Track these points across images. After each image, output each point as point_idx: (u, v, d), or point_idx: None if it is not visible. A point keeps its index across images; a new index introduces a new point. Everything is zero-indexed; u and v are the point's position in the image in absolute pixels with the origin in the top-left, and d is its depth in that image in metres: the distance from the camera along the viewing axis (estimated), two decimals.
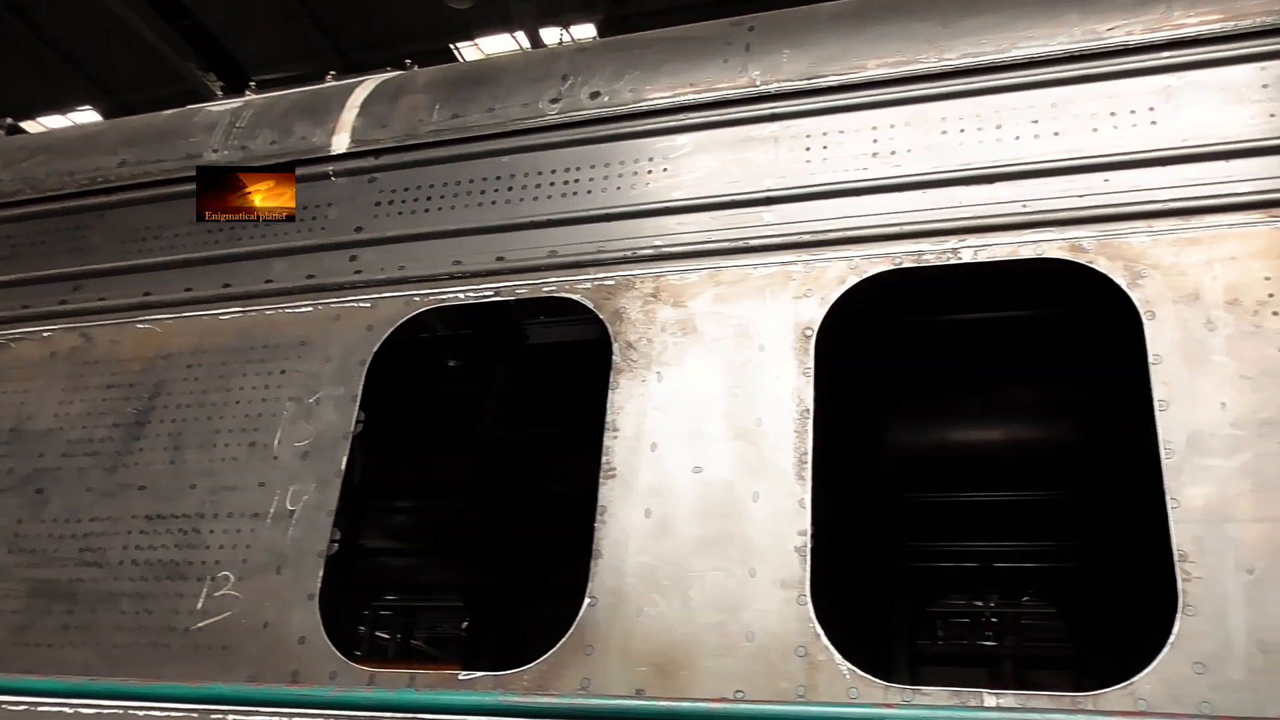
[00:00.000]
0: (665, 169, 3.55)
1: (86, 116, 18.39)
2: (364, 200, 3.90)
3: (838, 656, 2.71)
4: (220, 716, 3.12)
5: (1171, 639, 2.50)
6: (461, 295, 3.60)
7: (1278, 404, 2.64)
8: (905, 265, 3.15)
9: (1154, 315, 2.85)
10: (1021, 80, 3.27)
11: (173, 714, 3.17)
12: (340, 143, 4.03)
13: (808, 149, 3.42)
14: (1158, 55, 3.16)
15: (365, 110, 4.10)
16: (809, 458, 2.98)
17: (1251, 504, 2.57)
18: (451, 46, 16.61)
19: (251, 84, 4.91)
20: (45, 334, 4.08)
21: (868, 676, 2.67)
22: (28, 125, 16.39)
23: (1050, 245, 3.04)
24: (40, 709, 3.30)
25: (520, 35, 16.26)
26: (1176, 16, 3.18)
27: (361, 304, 3.69)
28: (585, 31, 16.20)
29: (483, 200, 3.74)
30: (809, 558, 2.85)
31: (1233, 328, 2.76)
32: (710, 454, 3.06)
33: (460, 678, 2.99)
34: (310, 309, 3.75)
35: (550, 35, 16.27)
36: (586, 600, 2.97)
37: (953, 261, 3.11)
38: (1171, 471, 2.66)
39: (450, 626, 11.81)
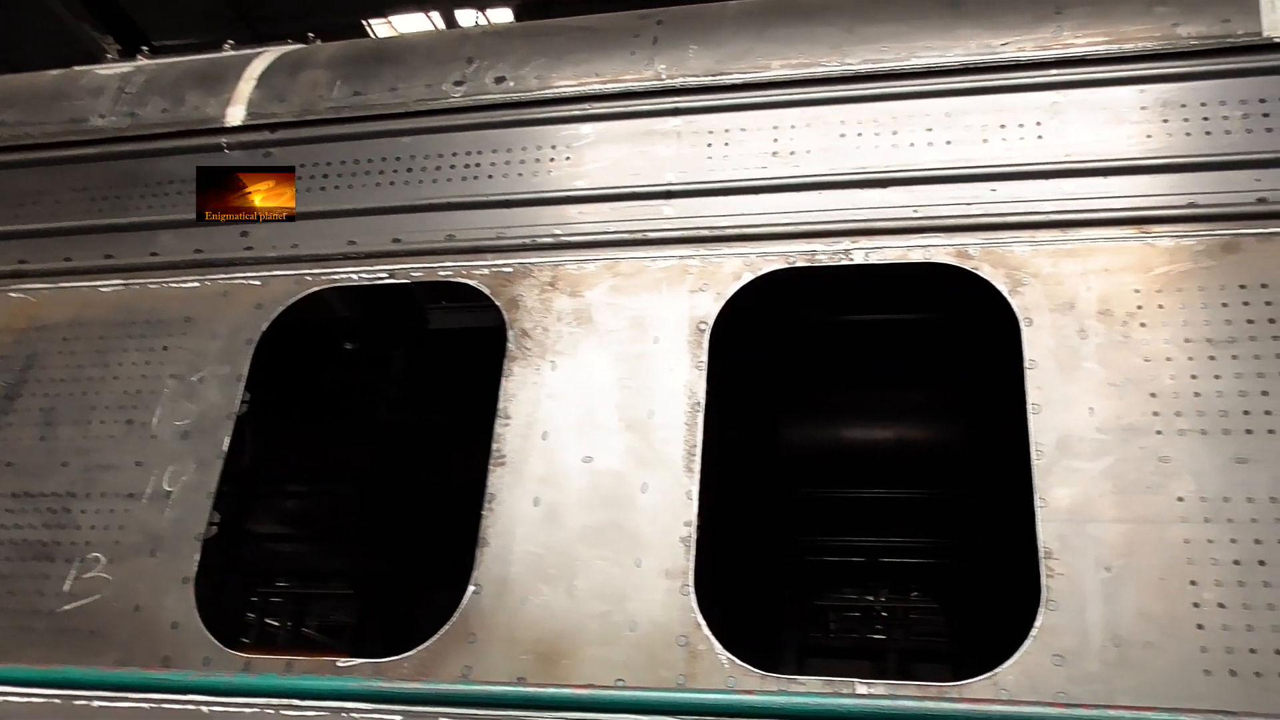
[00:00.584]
0: (568, 158, 3.54)
1: None
2: None
3: (718, 646, 2.75)
4: (84, 702, 3.00)
5: (1033, 632, 2.61)
6: (355, 276, 3.53)
7: (1140, 411, 2.77)
8: (799, 264, 3.21)
9: (1031, 322, 2.96)
10: (918, 89, 3.36)
11: (33, 699, 3.04)
12: (235, 114, 3.91)
13: (709, 145, 3.45)
14: (1046, 73, 3.28)
15: (263, 82, 3.98)
16: (699, 450, 3.01)
17: (1112, 505, 2.69)
18: (363, 22, 16.25)
19: (144, 49, 4.71)
20: None
21: (746, 666, 2.72)
22: None
23: (938, 250, 3.14)
24: None
25: (435, 15, 16.00)
26: (1065, 36, 3.30)
27: (251, 281, 3.60)
28: (502, 15, 16.03)
29: (381, 180, 3.67)
30: (694, 549, 2.88)
31: (1103, 337, 2.89)
32: (601, 444, 3.07)
33: (339, 664, 2.95)
34: (197, 284, 3.64)
35: (465, 17, 16.05)
36: (471, 588, 2.95)
37: (844, 262, 3.18)
38: (1041, 472, 2.77)
39: (344, 615, 11.57)
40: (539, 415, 3.15)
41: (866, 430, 5.53)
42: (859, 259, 3.18)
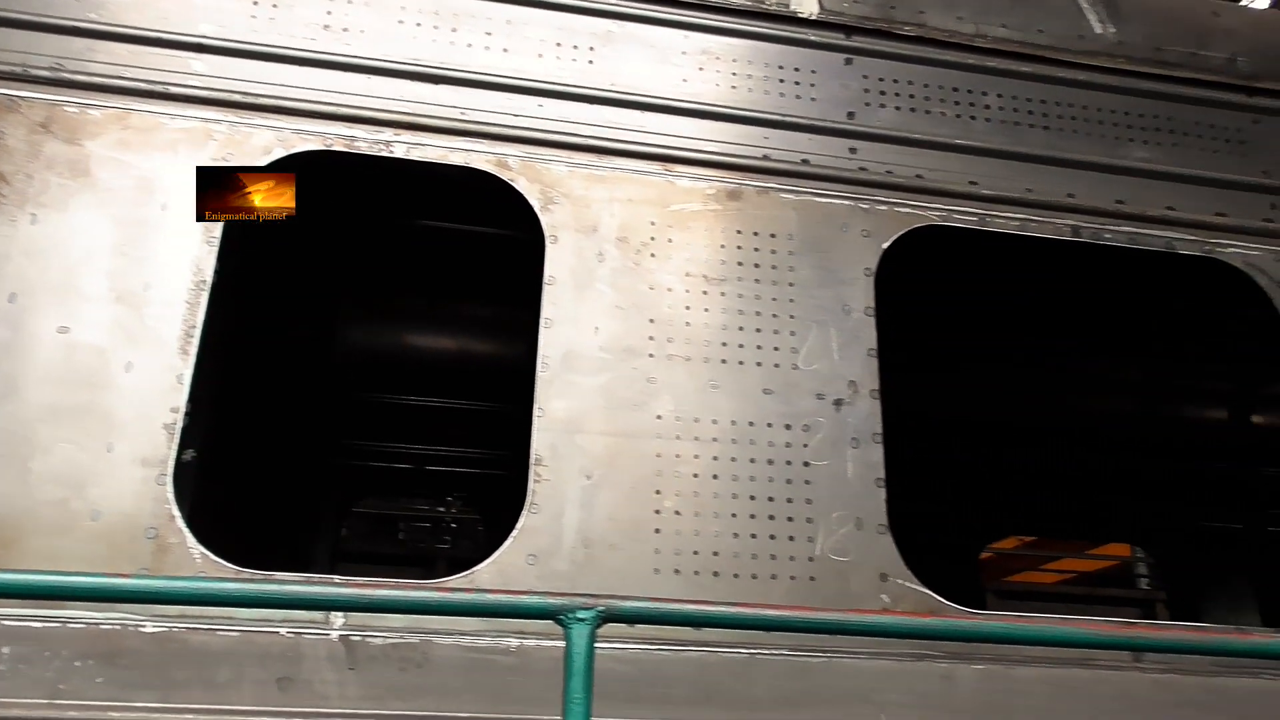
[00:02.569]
0: None
1: None
2: None
3: (191, 540, 2.58)
4: None
5: (514, 533, 2.73)
6: None
7: (639, 334, 2.97)
8: (336, 148, 3.05)
9: (556, 240, 3.05)
10: None
11: None
12: None
13: (256, 3, 3.15)
14: (606, 0, 3.36)
15: None
16: (198, 332, 2.78)
17: (601, 419, 2.87)
18: None
19: None
20: None
21: (219, 561, 2.58)
22: None
23: (480, 157, 3.13)
24: None
25: None
26: None
27: None
28: None
29: None
30: (179, 437, 2.67)
31: (618, 262, 3.05)
32: (82, 315, 2.73)
33: None
34: None
35: None
36: None
37: (384, 154, 3.07)
38: (543, 384, 2.88)
39: None
40: (8, 274, 2.73)
41: (431, 339, 5.51)
42: (400, 153, 3.08)
